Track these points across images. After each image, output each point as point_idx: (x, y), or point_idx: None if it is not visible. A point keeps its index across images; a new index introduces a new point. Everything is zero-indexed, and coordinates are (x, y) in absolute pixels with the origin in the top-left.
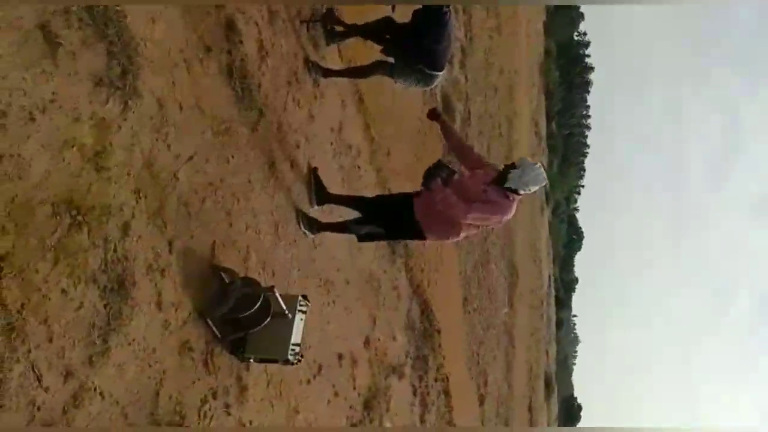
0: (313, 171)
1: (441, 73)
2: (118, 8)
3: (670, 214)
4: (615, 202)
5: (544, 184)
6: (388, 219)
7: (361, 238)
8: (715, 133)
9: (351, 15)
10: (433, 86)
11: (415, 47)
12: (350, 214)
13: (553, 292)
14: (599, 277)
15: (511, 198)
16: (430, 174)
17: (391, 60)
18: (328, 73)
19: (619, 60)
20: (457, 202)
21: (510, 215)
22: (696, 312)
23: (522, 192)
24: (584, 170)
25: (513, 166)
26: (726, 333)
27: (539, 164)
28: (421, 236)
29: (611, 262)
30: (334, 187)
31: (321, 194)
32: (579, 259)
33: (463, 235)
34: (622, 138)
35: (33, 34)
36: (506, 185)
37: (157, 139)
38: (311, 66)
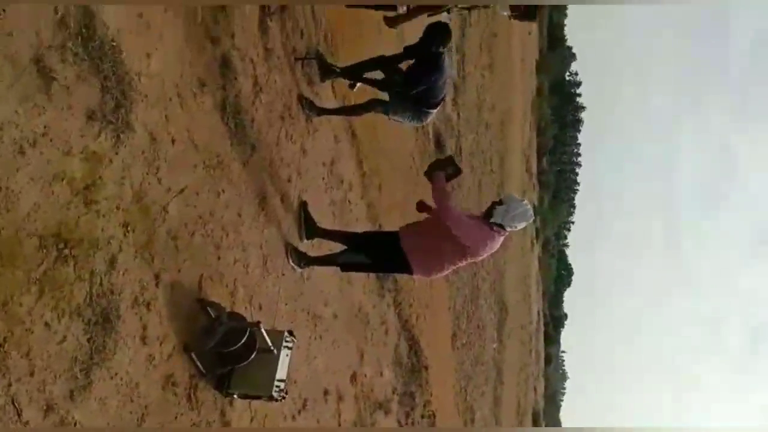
0: (303, 205)
1: (435, 110)
2: (113, 43)
3: (661, 250)
4: (605, 238)
5: (530, 221)
6: (375, 251)
7: (345, 268)
8: (707, 169)
9: (347, 50)
10: (426, 122)
11: (410, 86)
12: (339, 248)
13: (542, 328)
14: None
15: (497, 231)
16: (437, 166)
17: (385, 97)
18: (322, 111)
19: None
20: (443, 254)
21: (495, 248)
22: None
23: (508, 228)
24: (574, 206)
25: (500, 202)
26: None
27: (526, 201)
28: (407, 269)
29: (601, 298)
30: (324, 222)
31: (310, 228)
32: (568, 294)
33: (448, 269)
34: (613, 175)
35: (28, 69)
36: (492, 220)
37: (148, 173)
38: (305, 104)
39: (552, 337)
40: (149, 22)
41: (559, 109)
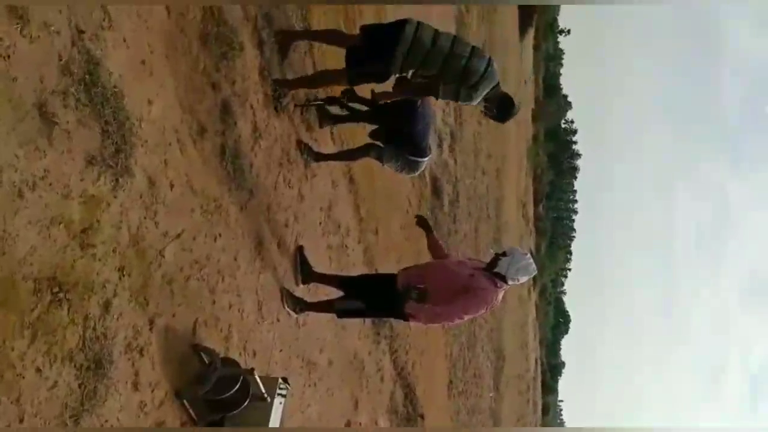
0: (299, 249)
1: (425, 159)
2: (116, 89)
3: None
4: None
5: (533, 275)
6: (372, 295)
7: (341, 314)
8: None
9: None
10: (418, 172)
11: (396, 133)
12: (335, 294)
13: (540, 377)
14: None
15: (498, 285)
16: (401, 300)
17: (380, 144)
18: (320, 156)
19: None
20: (442, 311)
21: (496, 303)
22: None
23: (510, 281)
24: (571, 253)
25: (504, 254)
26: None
27: (530, 255)
28: (402, 315)
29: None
30: (320, 266)
31: (306, 273)
32: (566, 342)
33: (446, 323)
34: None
35: (30, 113)
36: (496, 270)
37: (145, 217)
38: (303, 149)
39: (550, 386)
40: (152, 69)
41: (555, 156)
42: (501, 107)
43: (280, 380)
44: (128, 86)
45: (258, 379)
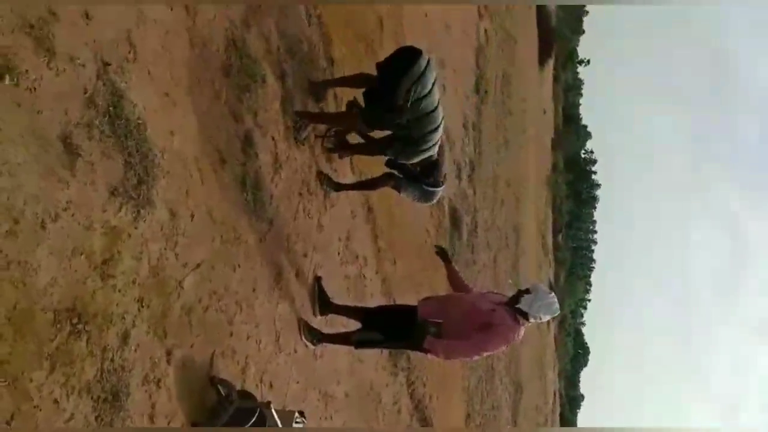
0: (317, 280)
1: (439, 189)
2: (139, 121)
3: (677, 330)
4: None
5: (556, 315)
6: (390, 326)
7: (359, 345)
8: (722, 251)
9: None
10: (434, 201)
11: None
12: (353, 325)
13: (559, 409)
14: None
15: (520, 321)
16: (420, 336)
17: (398, 173)
18: (339, 186)
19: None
20: (461, 346)
21: (516, 340)
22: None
23: (532, 319)
24: (590, 284)
25: (527, 290)
26: None
27: (553, 294)
28: (421, 349)
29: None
30: (338, 298)
31: (324, 304)
32: (585, 374)
33: (464, 359)
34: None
35: (54, 145)
36: (518, 306)
37: (165, 248)
38: (323, 179)
39: (568, 419)
40: (175, 100)
41: (574, 186)
42: (425, 169)
43: (296, 413)
44: (151, 118)
45: (274, 413)
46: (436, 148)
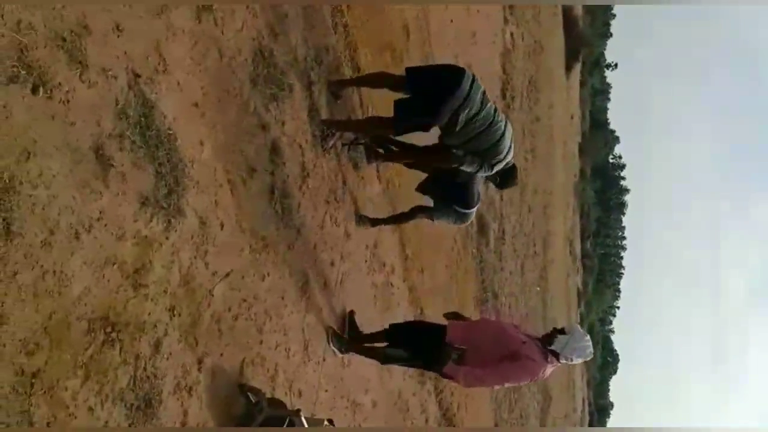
0: (350, 314)
1: (473, 210)
2: (170, 131)
3: (709, 336)
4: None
5: (589, 358)
6: (417, 345)
7: (385, 361)
8: (754, 259)
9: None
10: (469, 222)
11: (451, 190)
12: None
13: (588, 418)
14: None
15: (549, 360)
16: (442, 360)
17: (429, 204)
18: (375, 222)
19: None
20: (484, 374)
21: (542, 377)
22: None
23: (563, 360)
24: (619, 291)
25: (562, 330)
26: None
27: (589, 337)
28: (441, 372)
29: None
30: (366, 308)
31: (353, 340)
32: (614, 382)
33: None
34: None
35: (87, 156)
36: (551, 347)
37: (196, 257)
38: (359, 219)
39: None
40: (204, 111)
41: (602, 192)
42: (504, 177)
43: (325, 421)
44: (181, 128)
45: (304, 420)
46: (510, 155)
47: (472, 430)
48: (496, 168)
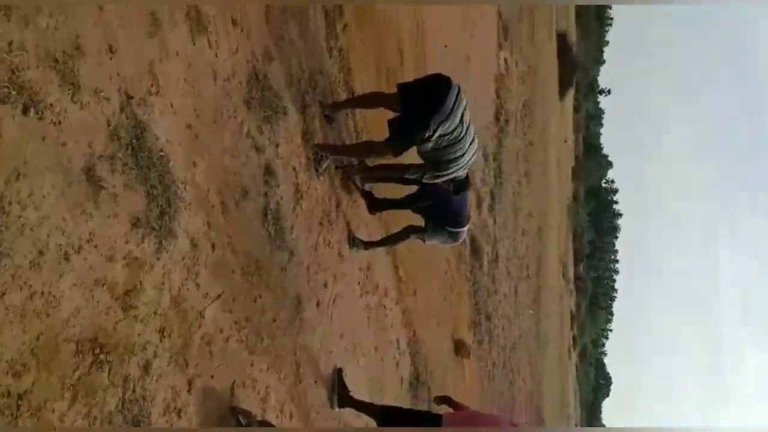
0: (338, 372)
1: (463, 229)
2: (162, 153)
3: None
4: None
5: None
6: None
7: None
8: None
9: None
10: (460, 241)
11: (443, 211)
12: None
13: None
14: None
15: None
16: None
17: (421, 224)
18: (369, 245)
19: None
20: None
21: None
22: None
23: None
24: (612, 314)
25: None
26: None
27: None
28: None
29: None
30: (358, 330)
31: (342, 397)
32: (607, 405)
33: None
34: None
35: (78, 177)
36: None
37: (187, 279)
38: (352, 241)
39: None
40: (197, 132)
41: (595, 216)
42: (457, 185)
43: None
44: (174, 150)
45: None
46: (464, 171)
47: None
48: (441, 180)
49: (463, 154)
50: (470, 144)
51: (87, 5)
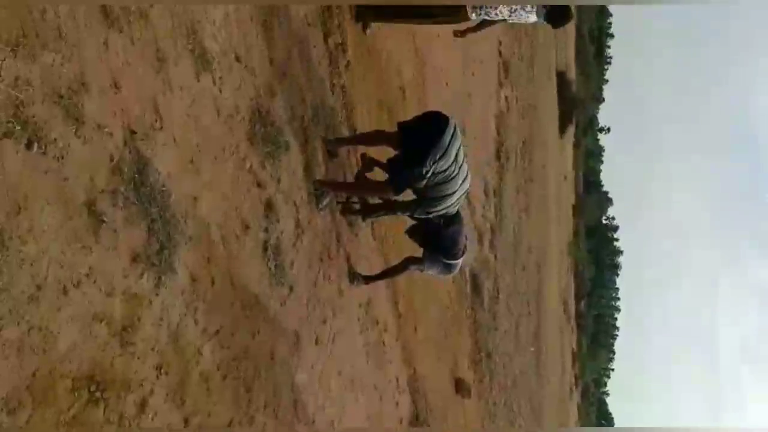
0: None
1: (459, 261)
2: (164, 188)
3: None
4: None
5: None
6: None
7: None
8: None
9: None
10: (456, 272)
11: (437, 243)
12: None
13: None
14: None
15: None
16: None
17: (419, 255)
18: (368, 279)
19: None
20: None
21: None
22: None
23: None
24: (614, 353)
25: None
26: None
27: None
28: None
29: None
30: (356, 362)
31: None
32: None
33: None
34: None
35: (79, 211)
36: None
37: (186, 314)
38: (353, 276)
39: None
40: (199, 167)
41: (596, 253)
42: (447, 220)
43: None
44: (175, 184)
45: None
46: (454, 208)
47: None
48: (431, 215)
49: (453, 192)
50: (462, 183)
51: (93, 40)
